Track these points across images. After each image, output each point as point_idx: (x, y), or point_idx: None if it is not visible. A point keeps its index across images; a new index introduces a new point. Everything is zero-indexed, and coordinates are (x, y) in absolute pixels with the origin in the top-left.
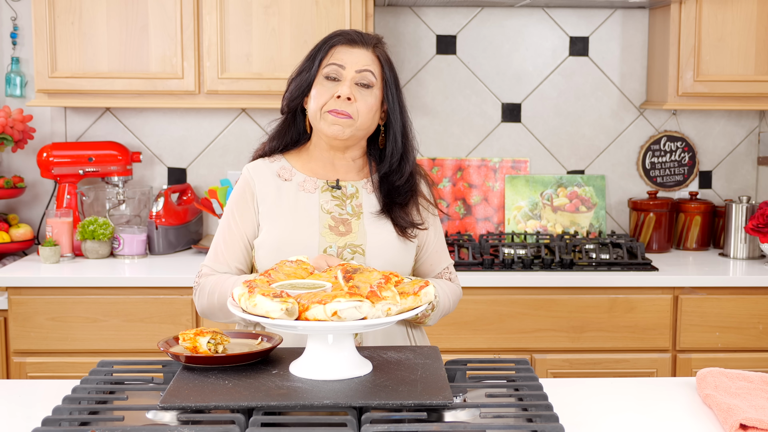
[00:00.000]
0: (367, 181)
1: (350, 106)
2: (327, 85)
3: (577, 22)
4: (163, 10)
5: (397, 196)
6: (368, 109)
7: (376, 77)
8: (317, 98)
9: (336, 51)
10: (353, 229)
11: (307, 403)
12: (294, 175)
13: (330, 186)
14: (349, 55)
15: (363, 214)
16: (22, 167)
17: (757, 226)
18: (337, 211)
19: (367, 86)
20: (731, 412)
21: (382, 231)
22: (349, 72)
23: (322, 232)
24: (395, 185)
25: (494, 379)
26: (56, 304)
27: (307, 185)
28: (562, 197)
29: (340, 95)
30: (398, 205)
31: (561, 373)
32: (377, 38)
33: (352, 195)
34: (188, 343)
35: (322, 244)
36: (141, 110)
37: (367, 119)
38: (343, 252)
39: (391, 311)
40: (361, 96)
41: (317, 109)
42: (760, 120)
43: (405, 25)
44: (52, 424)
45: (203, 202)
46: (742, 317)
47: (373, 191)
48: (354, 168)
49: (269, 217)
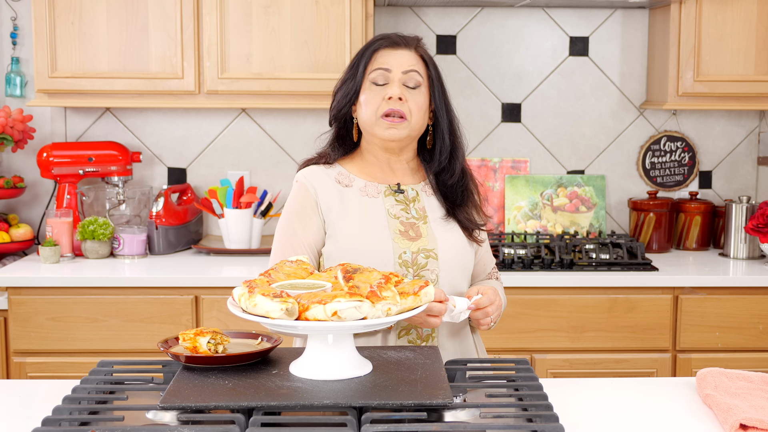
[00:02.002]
0: (425, 183)
1: (403, 105)
2: (375, 90)
3: (577, 22)
4: (163, 10)
5: (454, 196)
6: (419, 108)
7: (422, 77)
8: (369, 104)
9: (379, 55)
10: (422, 234)
11: (307, 403)
12: (353, 180)
13: (392, 190)
14: (392, 57)
15: (428, 218)
16: (22, 167)
17: (757, 226)
18: (404, 215)
19: (415, 86)
20: (731, 412)
21: (451, 234)
22: (395, 74)
23: (394, 238)
24: (448, 184)
25: (494, 379)
26: (56, 304)
27: (369, 190)
28: (562, 197)
29: (391, 96)
30: (459, 207)
31: (561, 373)
32: (417, 39)
33: (414, 198)
34: (188, 343)
35: (396, 250)
36: (141, 110)
37: (418, 118)
38: (417, 257)
39: (391, 311)
40: (411, 96)
41: (371, 114)
42: (760, 120)
43: (405, 25)
44: (52, 424)
45: (203, 202)
46: (742, 317)
47: (432, 194)
48: (409, 171)
49: (336, 225)
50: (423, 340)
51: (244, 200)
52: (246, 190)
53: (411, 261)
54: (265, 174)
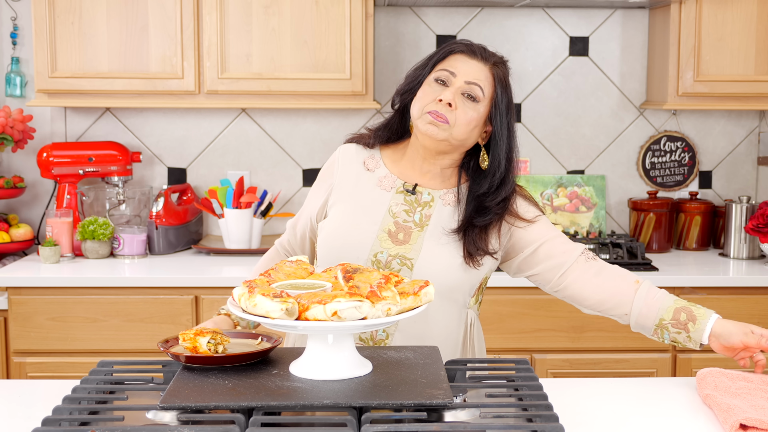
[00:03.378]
0: (448, 191)
1: (450, 112)
2: (434, 87)
3: (577, 22)
4: (163, 10)
5: (480, 217)
6: (467, 122)
7: (485, 94)
8: (422, 98)
9: (453, 58)
10: (411, 240)
11: (307, 403)
12: (378, 166)
13: (405, 189)
14: (464, 64)
15: (428, 227)
16: (22, 167)
17: (757, 226)
18: (403, 217)
19: (472, 99)
20: (731, 412)
21: (441, 250)
22: (458, 80)
23: (379, 236)
24: (484, 205)
25: (494, 379)
26: (56, 304)
27: (386, 182)
28: (562, 197)
29: (442, 99)
30: (476, 228)
31: (561, 373)
32: (500, 58)
33: (426, 203)
34: (188, 343)
35: (374, 248)
36: (141, 110)
37: (463, 131)
38: (392, 261)
39: (391, 311)
40: (463, 106)
41: (419, 109)
42: (760, 120)
43: (405, 25)
44: (52, 424)
45: (203, 202)
46: (742, 317)
47: (449, 204)
48: (439, 177)
49: (338, 205)
50: (375, 342)
51: (244, 200)
52: (246, 190)
53: (384, 263)
54: (265, 174)
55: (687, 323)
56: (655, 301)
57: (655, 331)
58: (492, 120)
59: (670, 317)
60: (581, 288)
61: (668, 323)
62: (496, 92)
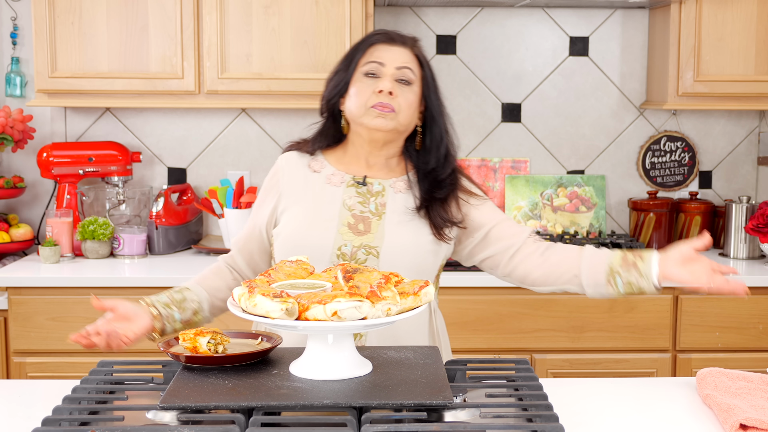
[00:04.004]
0: (396, 179)
1: (392, 100)
2: (367, 82)
3: (577, 22)
4: (163, 10)
5: (438, 190)
6: (408, 105)
7: (416, 75)
8: (359, 95)
9: (375, 49)
10: (372, 229)
11: (307, 403)
12: (324, 167)
13: (356, 181)
14: (387, 52)
15: (385, 215)
16: (22, 167)
17: (757, 226)
18: (359, 208)
19: (406, 83)
20: (731, 412)
21: (406, 233)
22: (389, 69)
23: (339, 230)
24: (438, 179)
25: (494, 379)
26: (56, 304)
27: (334, 179)
28: (562, 197)
29: (381, 90)
30: (437, 201)
31: (561, 373)
32: (415, 39)
33: (378, 193)
34: (188, 343)
35: (337, 242)
36: (141, 110)
37: (408, 114)
38: (358, 252)
39: (391, 311)
40: (402, 92)
41: (360, 106)
42: (760, 120)
43: (405, 25)
44: (52, 424)
45: (203, 202)
46: (742, 317)
47: (401, 191)
48: (386, 166)
49: (291, 209)
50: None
51: (244, 200)
52: (246, 190)
53: (350, 255)
54: (265, 174)
55: (635, 261)
56: (603, 254)
57: (608, 280)
58: (426, 98)
59: (619, 261)
60: (530, 266)
61: (618, 267)
62: (424, 71)
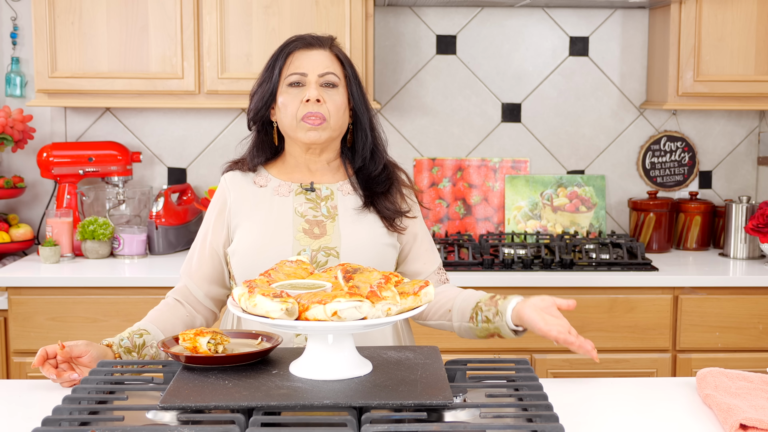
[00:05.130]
0: (343, 183)
1: (321, 107)
2: (293, 93)
3: (577, 22)
4: (163, 10)
5: (377, 185)
6: (337, 108)
7: (339, 76)
8: (287, 107)
9: (294, 57)
10: (328, 232)
11: (307, 403)
12: (270, 180)
13: (304, 189)
14: (308, 59)
15: (338, 216)
16: (22, 167)
17: (757, 226)
18: (312, 213)
19: (332, 86)
20: (731, 412)
21: (361, 229)
22: (312, 77)
23: (296, 236)
24: (372, 176)
25: (494, 379)
26: (56, 304)
27: (282, 189)
28: (562, 197)
29: (309, 99)
30: (381, 195)
31: (561, 373)
32: (331, 38)
33: (327, 197)
34: (188, 343)
35: (296, 248)
36: (141, 110)
37: (338, 118)
38: (317, 255)
39: (391, 311)
40: (329, 96)
41: (291, 117)
42: (760, 120)
43: (405, 25)
44: (52, 424)
45: (203, 202)
46: (742, 317)
47: (349, 193)
48: (329, 170)
49: (244, 225)
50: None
51: None
52: None
53: (310, 259)
54: None
55: (498, 299)
56: (477, 293)
57: (471, 316)
58: (351, 96)
59: (486, 299)
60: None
61: (482, 304)
62: (346, 71)
